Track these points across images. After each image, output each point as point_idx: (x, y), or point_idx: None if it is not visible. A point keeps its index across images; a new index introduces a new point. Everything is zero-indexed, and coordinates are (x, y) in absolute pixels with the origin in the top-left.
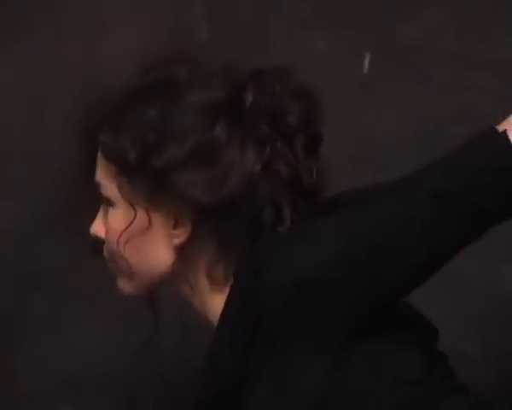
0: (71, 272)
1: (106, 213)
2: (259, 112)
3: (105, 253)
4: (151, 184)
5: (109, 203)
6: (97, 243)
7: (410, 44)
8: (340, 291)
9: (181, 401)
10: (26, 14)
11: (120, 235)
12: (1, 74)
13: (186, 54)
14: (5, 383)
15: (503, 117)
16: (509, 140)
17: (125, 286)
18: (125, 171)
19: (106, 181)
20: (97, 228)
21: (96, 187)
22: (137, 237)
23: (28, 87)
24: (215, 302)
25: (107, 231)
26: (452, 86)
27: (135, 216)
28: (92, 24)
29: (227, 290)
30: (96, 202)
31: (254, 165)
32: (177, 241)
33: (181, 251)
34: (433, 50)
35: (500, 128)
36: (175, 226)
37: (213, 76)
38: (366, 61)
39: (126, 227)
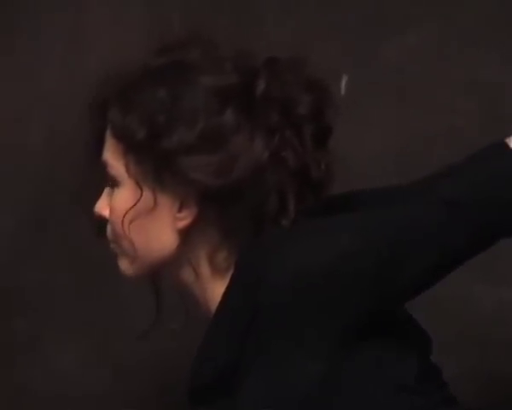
0: (54, 294)
1: (111, 193)
2: (270, 100)
3: (108, 233)
4: (158, 165)
5: (115, 183)
6: (100, 223)
7: (391, 66)
8: (345, 291)
9: None
10: (8, 29)
11: (125, 214)
12: None
13: (201, 37)
14: None
15: (487, 139)
16: None
17: (126, 268)
18: (133, 150)
19: (113, 160)
20: (101, 207)
21: (102, 166)
22: (142, 218)
23: (10, 102)
24: (216, 289)
25: (111, 211)
26: (434, 108)
27: (141, 196)
28: (74, 40)
29: (228, 278)
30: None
31: (262, 152)
32: (181, 224)
33: (185, 235)
34: (413, 71)
35: (511, 141)
36: (180, 209)
37: (227, 60)
38: (343, 83)
39: (132, 206)
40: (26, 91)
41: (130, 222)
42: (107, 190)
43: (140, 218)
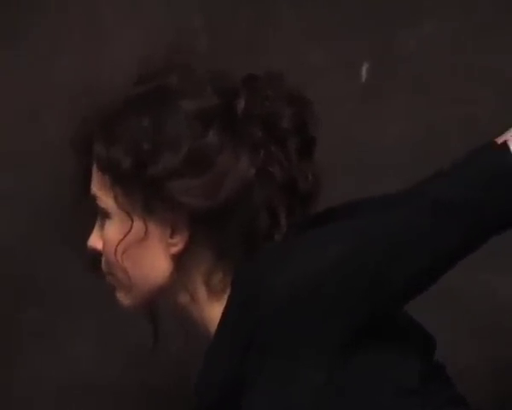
0: (68, 283)
1: (102, 225)
2: (252, 117)
3: (103, 266)
4: (146, 193)
5: (106, 215)
6: (95, 257)
7: (409, 54)
8: (340, 299)
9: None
10: (24, 22)
11: (117, 245)
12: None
13: (178, 62)
14: (2, 391)
15: (502, 128)
16: (508, 152)
17: (124, 299)
18: (120, 181)
19: (101, 193)
20: (94, 241)
21: (92, 200)
22: (135, 247)
23: (26, 96)
24: (214, 311)
25: (104, 244)
26: (451, 96)
27: (131, 226)
28: (90, 33)
29: (225, 298)
30: (92, 215)
31: (248, 169)
32: (174, 250)
33: (178, 260)
34: (432, 60)
35: (500, 140)
36: (172, 235)
37: (205, 83)
38: (364, 71)
39: (123, 237)
40: (41, 82)
41: (123, 253)
42: (98, 223)
43: (132, 247)
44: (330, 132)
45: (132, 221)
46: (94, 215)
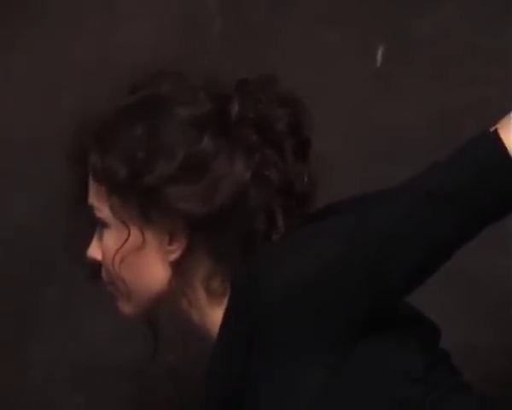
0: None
1: (101, 235)
2: (246, 121)
3: (103, 275)
4: (142, 202)
5: (104, 225)
6: (95, 267)
7: (425, 38)
8: (339, 294)
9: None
10: (40, 2)
11: (115, 254)
12: (14, 62)
13: (169, 69)
14: (18, 372)
15: None
16: (499, 140)
17: (124, 308)
18: (116, 190)
19: (98, 203)
20: (94, 251)
21: (89, 210)
22: (132, 256)
23: (42, 75)
24: (214, 316)
25: (103, 253)
26: (468, 80)
27: (128, 235)
28: (106, 13)
29: (225, 302)
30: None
31: (244, 173)
32: (172, 257)
33: (177, 267)
34: (448, 44)
35: (494, 128)
36: (169, 242)
37: (198, 89)
38: (379, 55)
39: (120, 246)
40: (58, 64)
41: (121, 262)
42: (97, 233)
43: (130, 256)
44: (345, 116)
45: (129, 230)
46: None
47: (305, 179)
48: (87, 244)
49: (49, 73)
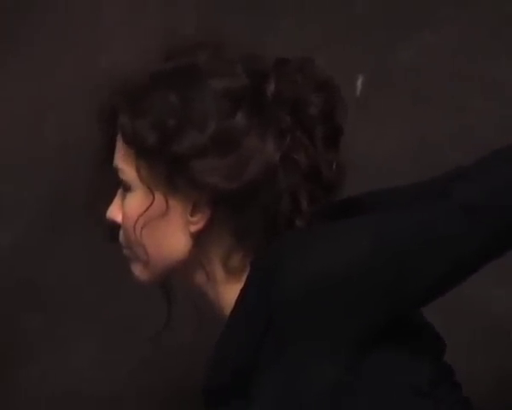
0: (69, 288)
1: (123, 198)
2: (281, 102)
3: (120, 238)
4: (170, 169)
5: (127, 188)
6: (113, 228)
7: (406, 66)
8: (359, 296)
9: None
10: (25, 24)
11: (137, 219)
12: (0, 82)
13: (209, 39)
14: (3, 396)
15: (502, 139)
16: None
17: (139, 273)
18: (144, 155)
19: (124, 165)
20: (114, 212)
21: (114, 172)
22: (154, 222)
23: (28, 96)
24: (230, 292)
25: (123, 216)
26: (450, 108)
27: (153, 200)
28: (90, 36)
29: (242, 280)
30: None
31: (274, 154)
32: (194, 228)
33: (197, 238)
34: (429, 72)
35: None
36: (192, 213)
37: (236, 63)
38: (359, 83)
39: (144, 211)
40: (41, 91)
41: (143, 227)
42: (119, 195)
43: (152, 223)
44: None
45: (154, 196)
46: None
47: (334, 167)
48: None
49: (36, 97)
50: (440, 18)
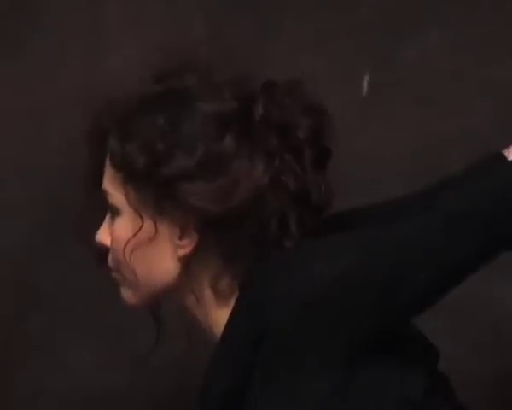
0: (68, 292)
1: (112, 221)
2: (269, 124)
3: (109, 262)
4: (158, 193)
5: (116, 212)
6: (102, 252)
7: (411, 66)
8: (350, 310)
9: None
10: (27, 28)
11: (126, 243)
12: (1, 89)
13: (198, 62)
14: (2, 402)
15: (503, 141)
16: None
17: (128, 297)
18: (133, 179)
19: (113, 189)
20: (103, 236)
21: (102, 195)
22: (143, 247)
23: (29, 103)
24: (220, 316)
25: (112, 240)
26: (452, 108)
27: (141, 224)
28: (92, 41)
29: (232, 303)
30: (101, 213)
31: (262, 177)
32: (182, 252)
33: (186, 262)
34: (433, 72)
35: (509, 151)
36: (181, 237)
37: (225, 86)
38: (365, 83)
39: (133, 236)
40: (44, 91)
41: (132, 251)
42: (108, 219)
43: (141, 247)
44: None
45: (143, 220)
46: (101, 216)
47: (322, 189)
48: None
49: (36, 101)
50: (446, 18)
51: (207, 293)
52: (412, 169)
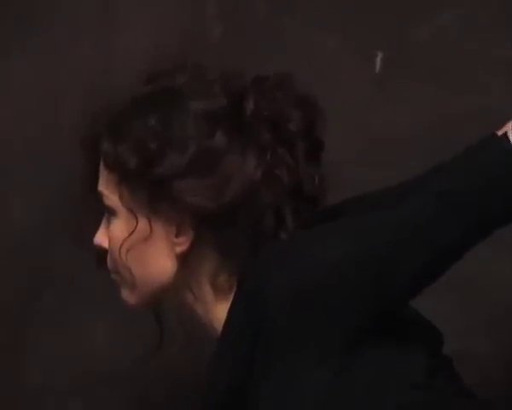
0: (82, 270)
1: (108, 223)
2: (260, 119)
3: (108, 263)
4: (152, 193)
5: (111, 213)
6: (101, 254)
7: (424, 44)
8: (346, 296)
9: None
10: (39, 11)
11: (122, 244)
12: (14, 72)
13: (187, 60)
14: (15, 378)
15: None
16: (508, 142)
17: (128, 297)
18: (126, 179)
19: (107, 190)
20: (100, 238)
21: (98, 197)
22: (139, 246)
23: (41, 85)
24: (220, 311)
25: (110, 241)
26: (464, 86)
27: (136, 224)
28: (105, 21)
29: (231, 298)
30: (99, 216)
31: (255, 171)
32: (179, 249)
33: (183, 260)
34: (447, 50)
35: (500, 132)
36: (177, 235)
37: (214, 83)
38: (378, 61)
39: (128, 236)
40: (57, 73)
41: (128, 251)
42: (105, 221)
43: (137, 246)
44: (344, 121)
45: (137, 220)
46: (102, 211)
47: (316, 182)
48: (94, 231)
49: (49, 83)
50: None
51: (207, 289)
52: (425, 146)
